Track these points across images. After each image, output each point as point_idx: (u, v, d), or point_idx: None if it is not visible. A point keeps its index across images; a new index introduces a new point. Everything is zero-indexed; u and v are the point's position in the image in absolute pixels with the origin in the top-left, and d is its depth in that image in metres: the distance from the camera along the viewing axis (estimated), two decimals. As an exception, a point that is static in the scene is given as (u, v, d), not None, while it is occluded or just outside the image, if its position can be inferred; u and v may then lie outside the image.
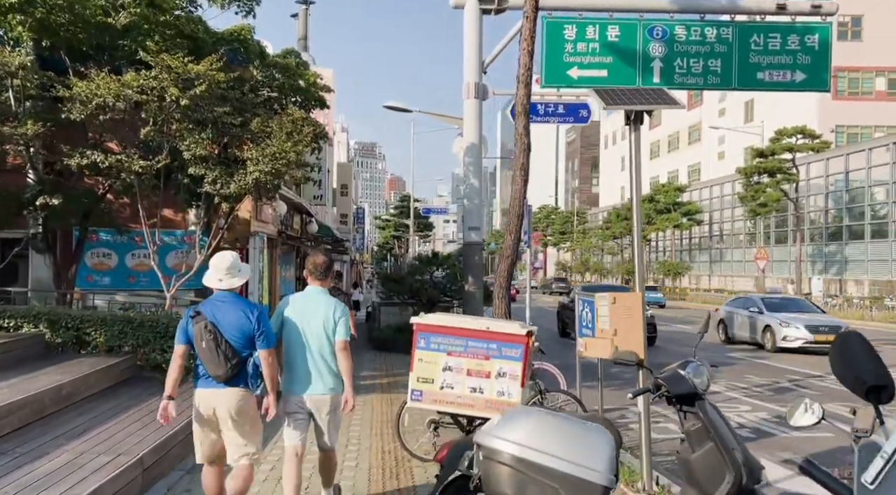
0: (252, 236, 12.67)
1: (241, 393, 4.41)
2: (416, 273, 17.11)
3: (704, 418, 3.50)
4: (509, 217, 9.63)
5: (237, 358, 4.37)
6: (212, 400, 4.40)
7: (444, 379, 3.74)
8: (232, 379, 4.37)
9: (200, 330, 4.35)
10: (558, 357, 11.99)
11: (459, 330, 3.78)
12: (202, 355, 4.36)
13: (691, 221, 54.24)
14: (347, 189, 32.34)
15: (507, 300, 9.53)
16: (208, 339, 4.32)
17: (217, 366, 4.31)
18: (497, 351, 3.70)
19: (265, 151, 8.71)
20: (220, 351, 4.31)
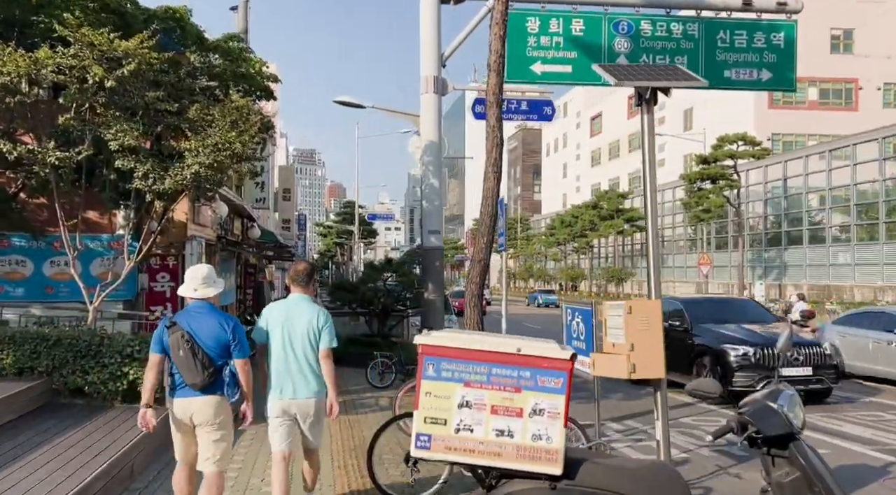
0: (189, 241, 11.43)
1: (218, 400, 4.59)
2: (368, 281, 16.06)
3: (805, 465, 2.67)
4: (481, 217, 8.76)
5: (213, 366, 4.53)
6: (189, 408, 4.57)
7: (460, 419, 2.80)
8: (208, 387, 4.53)
9: (177, 339, 4.52)
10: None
11: (480, 353, 2.83)
12: (179, 364, 4.53)
13: (634, 227, 54.68)
14: (290, 193, 30.99)
15: (480, 308, 8.65)
16: (186, 348, 4.49)
17: (194, 374, 4.48)
18: (531, 380, 2.78)
19: (206, 142, 7.58)
20: (197, 359, 4.48)
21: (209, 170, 7.79)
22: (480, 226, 8.77)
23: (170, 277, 11.32)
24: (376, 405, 10.33)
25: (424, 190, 12.94)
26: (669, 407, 5.14)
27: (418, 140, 14.39)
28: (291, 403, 4.85)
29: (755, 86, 13.44)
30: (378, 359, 12.00)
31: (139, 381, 7.83)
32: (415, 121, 14.03)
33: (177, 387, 4.63)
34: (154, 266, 11.30)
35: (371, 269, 16.50)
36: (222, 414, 4.63)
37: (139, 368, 7.79)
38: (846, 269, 36.58)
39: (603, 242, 64.15)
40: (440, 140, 13.02)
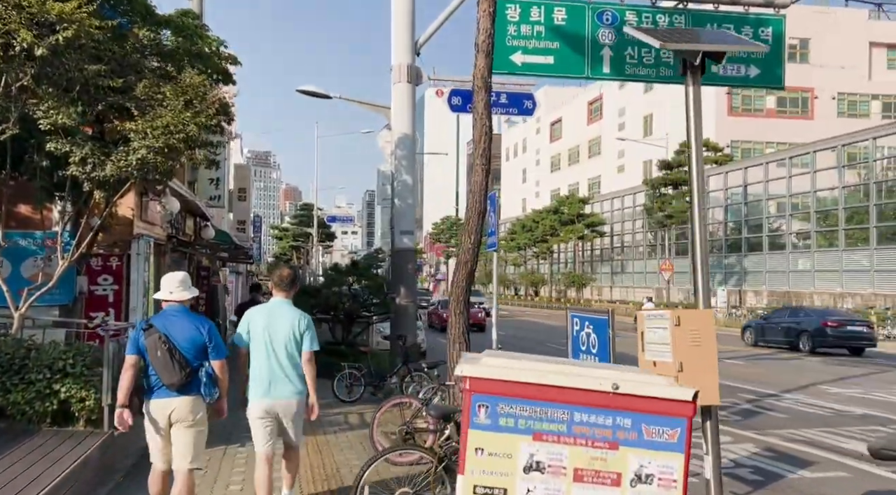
0: (135, 239, 10.26)
1: (194, 400, 4.72)
2: (332, 284, 15.01)
3: None
4: (468, 214, 7.88)
5: (190, 367, 4.65)
6: (166, 409, 4.67)
7: (528, 489, 1.85)
8: (185, 388, 4.65)
9: (155, 341, 4.62)
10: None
11: (557, 391, 1.90)
12: (157, 365, 4.62)
13: (594, 233, 54.55)
14: (246, 193, 29.59)
15: (466, 317, 7.75)
16: (164, 350, 4.59)
17: (172, 374, 4.58)
18: (633, 431, 1.90)
19: (155, 123, 6.52)
20: (174, 361, 4.59)
21: (158, 155, 6.72)
22: (467, 223, 7.89)
23: (113, 280, 10.14)
24: (345, 422, 9.33)
25: (396, 187, 12.01)
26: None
27: (388, 134, 13.43)
28: (274, 404, 5.02)
29: (743, 82, 12.86)
30: (346, 370, 10.99)
31: (73, 400, 6.72)
32: (385, 113, 13.08)
33: (153, 388, 4.73)
34: (95, 267, 10.10)
35: (335, 272, 15.46)
36: (199, 413, 4.78)
37: (72, 385, 6.69)
38: (806, 276, 36.82)
39: (563, 247, 63.98)
40: (414, 133, 12.11)
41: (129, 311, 10.17)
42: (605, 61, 12.51)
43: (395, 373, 11.21)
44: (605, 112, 65.83)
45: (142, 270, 10.30)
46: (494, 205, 7.86)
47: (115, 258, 10.18)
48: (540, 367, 2.04)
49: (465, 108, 12.32)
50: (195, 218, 16.94)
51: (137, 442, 7.43)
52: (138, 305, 10.21)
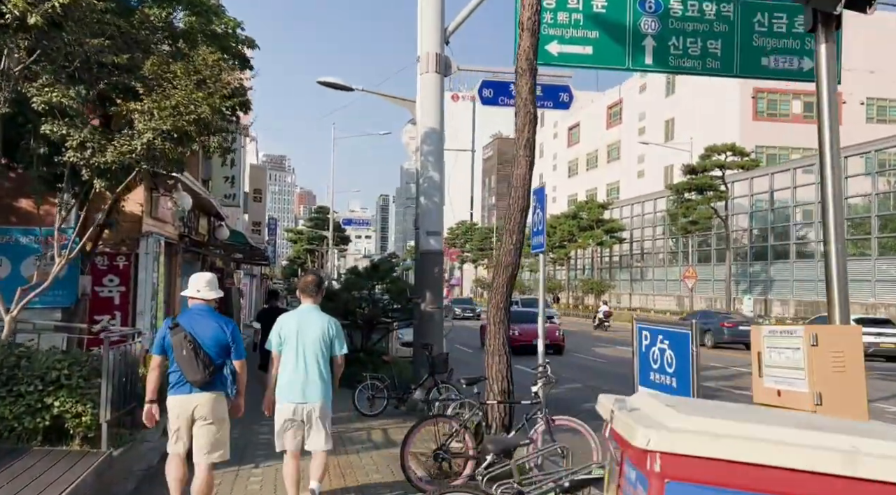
0: (144, 238, 9.54)
1: (217, 396, 4.92)
2: (352, 288, 14.24)
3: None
4: (509, 211, 7.06)
5: (213, 365, 4.85)
6: (189, 404, 4.87)
7: None
8: (208, 385, 4.85)
9: (180, 340, 4.82)
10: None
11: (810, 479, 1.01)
12: (182, 363, 4.81)
13: (614, 239, 53.50)
14: (261, 194, 28.93)
15: (507, 326, 6.92)
16: (188, 348, 4.78)
17: (196, 372, 4.77)
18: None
19: (162, 103, 5.76)
20: (198, 359, 4.78)
21: (167, 141, 5.96)
22: (508, 222, 7.07)
23: (119, 281, 9.41)
24: (369, 440, 8.52)
25: (422, 185, 11.21)
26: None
27: (413, 129, 12.66)
28: (302, 407, 5.19)
29: (795, 76, 11.98)
30: (368, 381, 10.19)
31: (67, 416, 5.96)
32: (409, 107, 12.31)
33: (177, 385, 4.89)
34: (100, 267, 9.37)
35: (354, 276, 14.68)
36: (221, 409, 4.94)
37: (67, 399, 5.93)
38: (835, 285, 35.65)
39: (580, 253, 62.95)
40: (442, 127, 11.32)
41: (136, 315, 9.44)
42: (647, 52, 11.68)
43: (421, 386, 10.39)
44: (625, 116, 64.83)
45: (150, 271, 9.57)
46: (543, 201, 7.03)
47: (121, 257, 9.46)
48: (760, 435, 1.20)
49: (497, 100, 11.53)
50: (209, 217, 16.24)
51: (139, 464, 6.66)
52: (146, 309, 9.47)
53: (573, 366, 19.10)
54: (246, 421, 9.54)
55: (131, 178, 6.56)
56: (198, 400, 4.83)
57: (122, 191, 8.35)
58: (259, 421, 9.55)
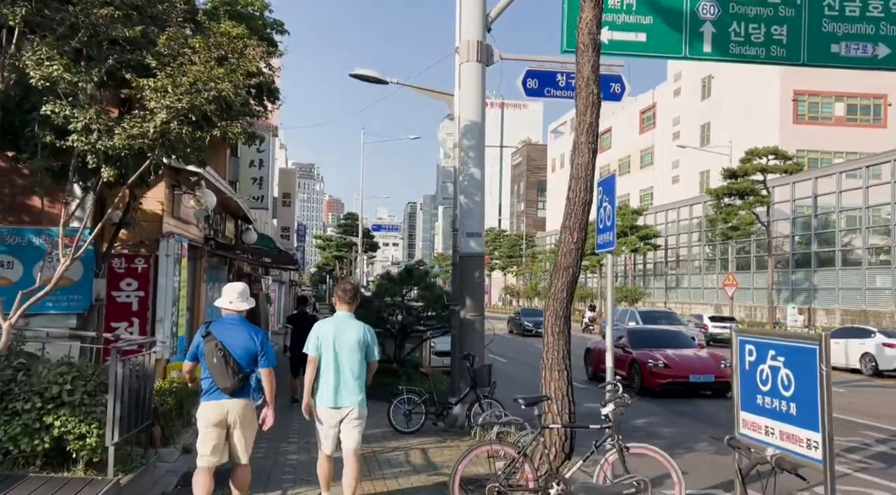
0: (164, 238, 8.84)
1: (246, 402, 5.18)
2: (384, 294, 13.46)
3: None
4: (570, 206, 6.20)
5: (242, 373, 5.07)
6: (221, 410, 5.05)
7: None
8: (238, 391, 5.07)
9: (212, 348, 5.01)
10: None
11: None
12: (213, 370, 5.01)
13: (648, 245, 52.16)
14: (290, 199, 28.40)
15: (567, 337, 6.05)
16: (219, 356, 4.99)
17: (226, 379, 4.99)
18: None
19: (179, 79, 5.02)
20: (228, 367, 4.99)
21: (184, 125, 5.21)
22: (567, 218, 6.21)
23: (138, 285, 8.72)
24: (407, 462, 7.68)
25: (462, 182, 10.39)
26: None
27: (450, 124, 11.86)
28: (339, 411, 5.43)
29: (869, 64, 10.96)
30: (404, 395, 9.36)
31: (69, 437, 5.21)
32: (447, 101, 11.52)
33: (210, 391, 5.06)
34: (117, 269, 8.70)
35: (387, 281, 13.89)
36: (251, 413, 5.19)
37: (70, 418, 5.21)
38: (885, 294, 34.01)
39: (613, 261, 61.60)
40: (483, 120, 10.51)
41: (156, 322, 8.74)
42: (705, 39, 10.74)
43: (461, 400, 9.55)
44: (659, 121, 63.47)
45: (171, 274, 8.87)
46: (612, 192, 6.17)
47: (140, 259, 8.77)
48: None
49: (543, 91, 10.69)
50: (236, 220, 15.61)
51: (152, 491, 5.91)
52: (166, 316, 8.77)
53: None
54: (273, 438, 8.79)
55: (145, 168, 5.82)
56: (230, 406, 5.05)
57: (139, 187, 7.70)
58: (287, 438, 8.81)
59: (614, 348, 6.57)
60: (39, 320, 8.61)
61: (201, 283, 11.94)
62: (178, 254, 9.16)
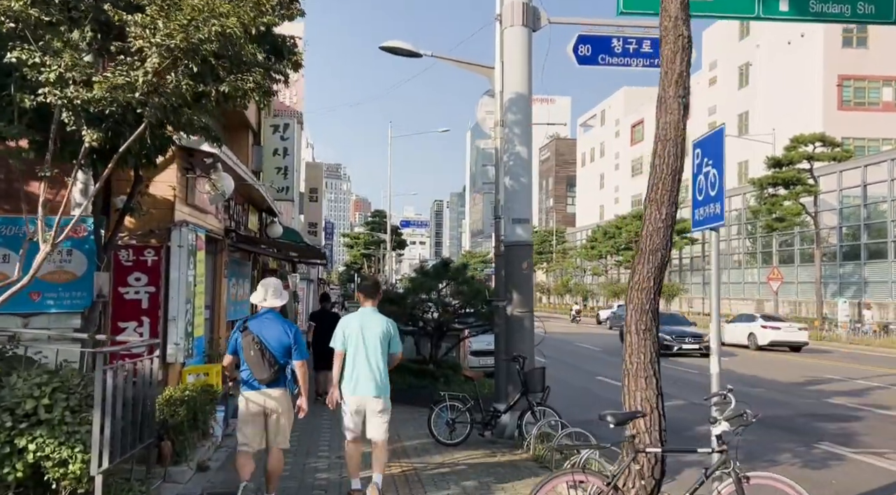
0: (176, 227, 7.86)
1: (282, 392, 5.54)
2: (418, 290, 12.39)
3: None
4: (655, 175, 5.06)
5: (277, 365, 5.42)
6: (259, 399, 5.46)
7: None
8: (273, 382, 5.44)
9: (249, 342, 5.39)
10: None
11: None
12: (250, 362, 5.40)
13: (685, 239, 50.42)
14: (317, 194, 27.49)
15: (654, 337, 4.90)
16: (256, 350, 5.36)
17: (262, 370, 5.36)
18: None
19: (172, 15, 3.98)
20: (265, 359, 5.36)
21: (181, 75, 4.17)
22: (653, 190, 5.08)
23: (147, 280, 7.75)
24: (456, 483, 6.56)
25: (507, 163, 9.27)
26: None
27: (490, 101, 10.76)
28: (364, 400, 5.78)
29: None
30: (447, 402, 8.28)
31: (48, 463, 4.22)
32: (487, 74, 10.41)
33: (248, 382, 5.47)
34: (125, 262, 7.74)
35: (421, 276, 12.82)
36: (287, 402, 5.57)
37: (48, 440, 4.22)
38: (944, 286, 32.12)
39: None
40: (530, 91, 9.37)
41: (168, 321, 7.77)
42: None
43: (511, 408, 8.44)
44: (694, 112, 61.49)
45: (185, 268, 7.89)
46: (716, 154, 5.02)
47: (150, 251, 7.80)
48: None
49: (596, 58, 9.52)
50: (260, 213, 14.67)
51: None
52: (180, 314, 7.79)
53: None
54: (300, 452, 7.79)
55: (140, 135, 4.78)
56: (266, 395, 5.42)
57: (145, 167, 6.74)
58: (316, 452, 7.82)
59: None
60: (40, 320, 7.70)
61: (222, 279, 10.98)
62: (192, 246, 8.18)
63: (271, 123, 14.62)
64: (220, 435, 8.12)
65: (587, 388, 14.52)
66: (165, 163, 7.96)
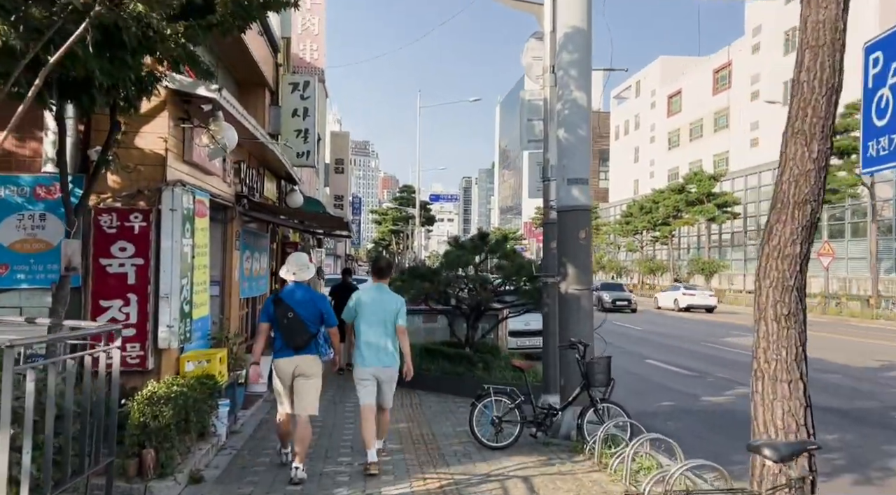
0: (168, 187, 6.56)
1: (313, 358, 5.95)
2: (455, 264, 11.02)
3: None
4: (800, 98, 3.56)
5: (309, 333, 5.89)
6: (291, 365, 5.87)
7: None
8: (305, 348, 5.88)
9: (283, 311, 5.86)
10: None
11: None
12: (284, 330, 5.86)
13: (727, 214, 48.25)
14: (343, 165, 26.14)
15: (803, 326, 3.46)
16: (290, 318, 5.83)
17: (296, 338, 5.84)
18: None
19: None
20: (298, 327, 5.84)
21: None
22: (801, 118, 3.61)
23: (135, 250, 6.48)
24: (508, 503, 5.26)
25: (562, 112, 7.80)
26: None
27: (538, 45, 9.27)
28: (377, 370, 6.17)
29: None
30: (491, 396, 6.92)
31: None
32: (535, 12, 8.91)
33: (281, 349, 5.90)
34: (107, 229, 6.47)
35: (457, 249, 11.43)
36: (316, 367, 5.96)
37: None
38: None
39: (684, 231, 57.80)
40: (590, 26, 7.86)
41: (160, 299, 6.51)
42: None
43: (569, 404, 7.07)
44: (735, 80, 58.81)
45: (179, 236, 6.60)
46: None
47: (137, 215, 6.52)
48: None
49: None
50: (279, 181, 13.38)
51: None
52: (173, 290, 6.52)
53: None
54: (319, 456, 6.54)
55: (77, 41, 3.43)
56: (298, 361, 5.85)
57: (124, 112, 5.43)
58: (336, 457, 6.56)
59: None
60: (10, 297, 6.52)
61: (233, 252, 9.72)
62: (189, 210, 6.88)
63: (290, 81, 13.26)
64: (223, 433, 6.89)
65: (637, 374, 13.10)
66: (155, 111, 6.66)
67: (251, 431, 7.64)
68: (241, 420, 8.11)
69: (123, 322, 6.40)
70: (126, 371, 6.28)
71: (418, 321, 12.98)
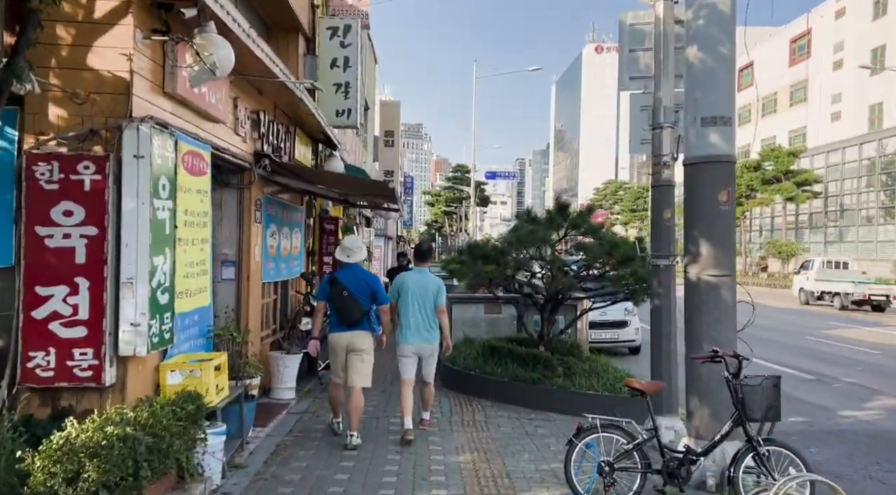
0: (132, 125, 4.52)
1: (366, 333, 6.45)
2: (526, 244, 8.81)
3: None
4: None
5: (362, 310, 6.37)
6: (343, 339, 6.40)
7: None
8: (358, 324, 6.39)
9: (339, 291, 6.38)
10: None
11: None
12: (339, 308, 6.38)
13: (807, 193, 44.54)
14: (393, 138, 24.07)
15: None
16: (345, 296, 6.34)
17: (350, 315, 6.34)
18: None
19: None
20: (352, 305, 6.33)
21: None
22: None
23: (84, 215, 4.52)
24: None
25: (696, 22, 5.50)
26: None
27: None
28: (419, 347, 6.76)
29: None
30: (599, 432, 4.72)
31: None
32: None
33: (336, 324, 6.44)
34: (45, 184, 4.52)
35: (529, 224, 9.18)
36: (369, 342, 6.44)
37: None
38: None
39: (756, 212, 53.93)
40: None
41: (121, 286, 4.52)
42: None
43: (715, 443, 4.82)
44: (815, 49, 54.48)
45: (147, 195, 4.60)
46: None
47: (89, 166, 4.54)
48: None
49: None
50: (315, 144, 11.37)
51: None
52: (139, 274, 4.54)
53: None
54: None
55: None
56: (351, 336, 6.35)
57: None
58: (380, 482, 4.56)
59: None
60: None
61: (251, 225, 7.72)
62: (166, 160, 4.87)
63: (328, 25, 11.18)
64: (216, 473, 4.89)
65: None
66: (115, 16, 4.63)
67: (261, 463, 5.66)
68: (252, 444, 6.15)
69: (69, 318, 4.46)
70: (73, 388, 4.36)
71: (478, 311, 10.88)
